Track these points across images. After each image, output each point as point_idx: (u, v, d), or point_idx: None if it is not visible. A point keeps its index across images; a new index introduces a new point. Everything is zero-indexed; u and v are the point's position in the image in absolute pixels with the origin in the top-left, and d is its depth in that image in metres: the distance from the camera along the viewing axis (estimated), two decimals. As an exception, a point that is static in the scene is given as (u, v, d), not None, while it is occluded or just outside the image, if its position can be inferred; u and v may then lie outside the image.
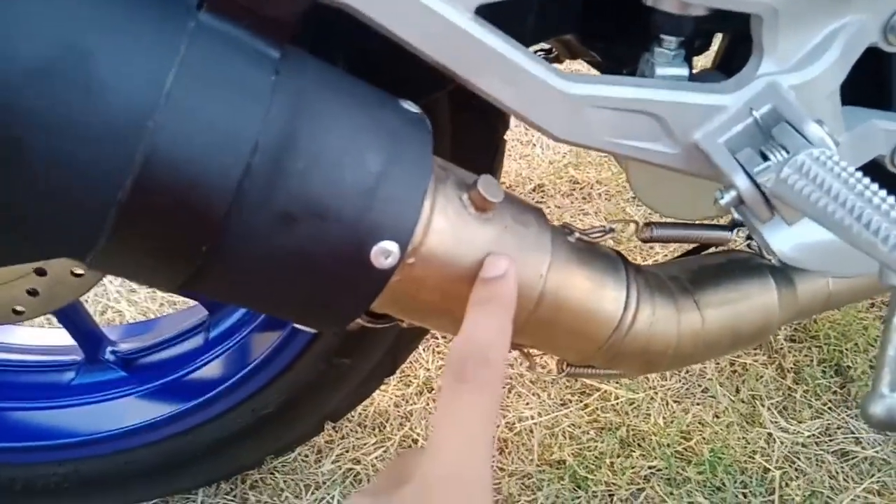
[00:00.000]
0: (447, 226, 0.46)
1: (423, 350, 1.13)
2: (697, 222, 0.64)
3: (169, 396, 0.88)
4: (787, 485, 0.97)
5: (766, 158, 0.47)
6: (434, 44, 0.43)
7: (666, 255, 1.22)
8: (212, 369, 0.87)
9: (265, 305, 0.45)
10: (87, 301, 1.20)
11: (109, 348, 0.91)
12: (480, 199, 0.47)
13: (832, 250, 0.55)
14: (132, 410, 0.88)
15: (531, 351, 0.61)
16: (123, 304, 1.19)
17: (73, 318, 0.87)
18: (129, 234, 0.37)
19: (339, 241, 0.41)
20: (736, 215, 0.49)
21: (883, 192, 0.41)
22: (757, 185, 0.47)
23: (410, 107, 0.46)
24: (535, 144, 1.47)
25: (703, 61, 0.66)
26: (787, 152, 0.46)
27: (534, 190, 1.37)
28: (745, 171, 0.47)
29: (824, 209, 0.41)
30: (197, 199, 0.36)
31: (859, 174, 0.42)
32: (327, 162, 0.39)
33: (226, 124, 0.36)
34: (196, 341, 0.90)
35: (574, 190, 1.37)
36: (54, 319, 0.87)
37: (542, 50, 0.80)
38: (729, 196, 0.48)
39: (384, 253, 0.42)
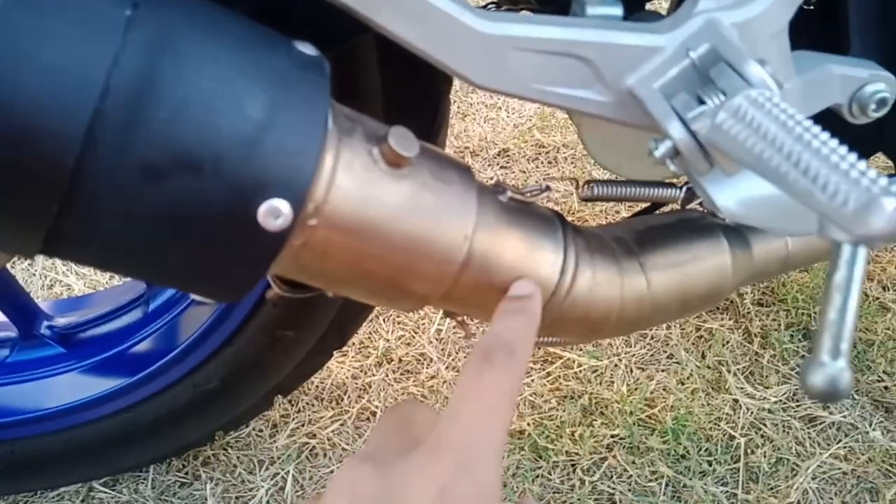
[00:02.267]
0: (354, 182, 0.42)
1: (384, 321, 1.10)
2: (644, 180, 0.60)
3: (109, 372, 0.85)
4: (752, 452, 0.94)
5: (703, 103, 0.43)
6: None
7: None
8: (151, 343, 0.84)
9: (145, 273, 0.40)
10: (34, 274, 1.15)
11: (46, 323, 0.87)
12: (392, 154, 0.43)
13: (781, 205, 0.51)
14: (71, 387, 0.84)
15: (466, 318, 0.57)
16: (72, 277, 1.15)
17: (5, 292, 0.83)
18: None
19: (219, 198, 0.36)
20: (672, 168, 0.45)
21: (825, 136, 0.36)
22: (692, 133, 0.43)
23: (306, 48, 0.41)
24: (500, 108, 1.42)
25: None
26: (726, 96, 0.42)
27: (498, 154, 1.33)
28: (680, 117, 0.43)
29: (760, 155, 0.37)
30: (39, 151, 0.32)
31: (801, 117, 0.38)
32: (197, 108, 0.35)
33: (67, 66, 0.32)
34: (135, 315, 0.86)
35: (539, 154, 1.33)
36: None
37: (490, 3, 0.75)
38: (664, 147, 0.44)
39: (273, 212, 0.38)
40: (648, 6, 0.60)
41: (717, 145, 0.41)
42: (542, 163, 1.31)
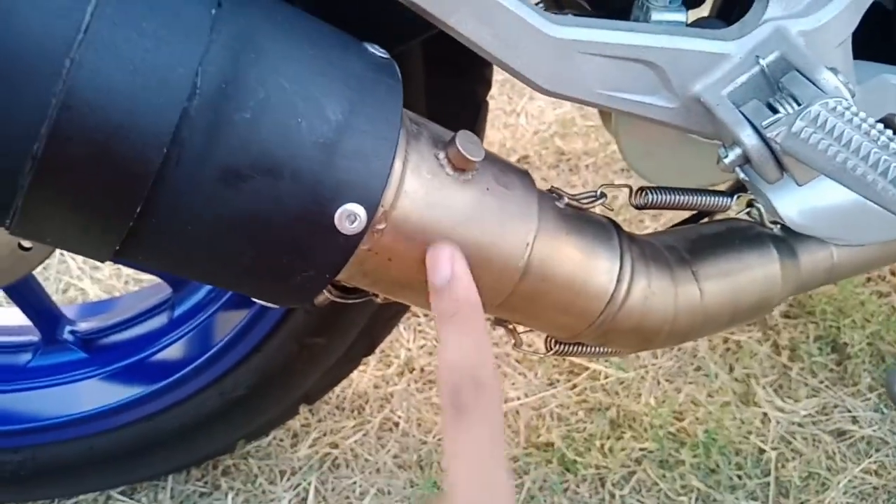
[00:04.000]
0: (421, 187, 0.41)
1: (404, 329, 1.08)
2: (696, 188, 0.59)
3: (132, 379, 0.83)
4: (783, 466, 0.93)
5: (774, 111, 0.43)
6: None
7: (657, 228, 1.18)
8: (177, 350, 0.82)
9: (216, 278, 0.40)
10: (48, 278, 1.14)
11: (68, 328, 0.86)
12: (459, 158, 0.42)
13: (844, 215, 0.50)
14: (93, 393, 0.83)
15: (517, 327, 0.56)
16: (87, 281, 1.13)
17: (27, 295, 0.81)
18: (49, 193, 0.32)
19: (297, 202, 0.36)
20: (742, 175, 0.44)
21: (910, 145, 0.36)
22: (765, 141, 0.42)
23: (377, 51, 0.40)
24: (519, 114, 1.42)
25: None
26: (799, 104, 0.41)
27: (518, 161, 1.32)
28: (752, 125, 0.42)
29: (844, 164, 0.36)
30: (125, 150, 0.31)
31: (881, 125, 0.38)
32: (278, 109, 0.34)
33: (157, 64, 0.31)
34: (160, 320, 0.85)
35: (560, 161, 1.32)
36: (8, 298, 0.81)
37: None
38: (734, 154, 0.44)
39: (350, 216, 0.37)
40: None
41: (794, 153, 0.40)
42: (563, 170, 1.30)
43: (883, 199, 0.34)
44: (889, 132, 0.37)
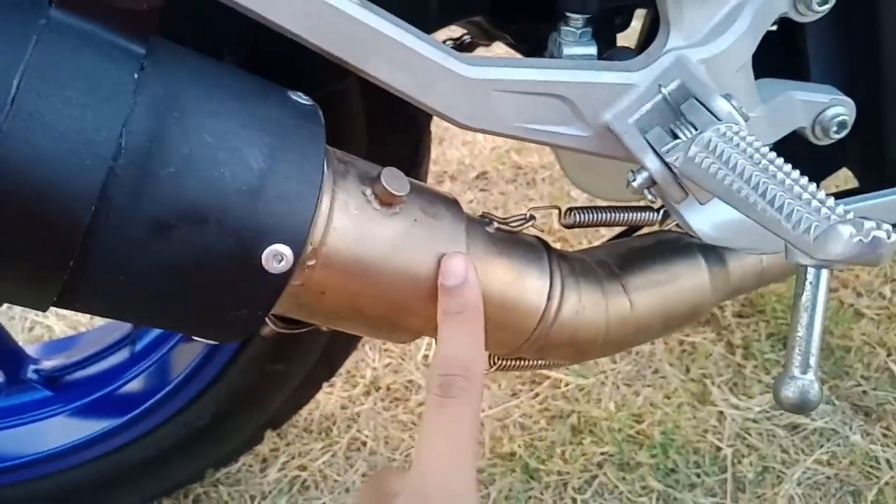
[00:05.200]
0: (349, 223, 0.44)
1: (370, 349, 1.11)
2: (623, 204, 0.62)
3: (98, 414, 0.84)
4: (739, 462, 0.96)
5: (676, 137, 0.46)
6: (316, 31, 0.41)
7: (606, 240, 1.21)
8: (140, 383, 0.84)
9: (153, 320, 0.42)
10: (13, 318, 1.14)
11: (32, 367, 0.87)
12: (385, 193, 0.45)
13: (752, 227, 0.53)
14: (60, 431, 0.84)
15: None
16: (52, 318, 1.14)
17: (-10, 338, 0.83)
18: None
19: (225, 247, 0.38)
20: (649, 196, 0.47)
21: (788, 167, 0.39)
22: (667, 165, 0.45)
23: (300, 98, 0.43)
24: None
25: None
26: (696, 129, 0.45)
27: (477, 177, 1.35)
28: (655, 150, 0.45)
29: (730, 187, 0.39)
30: (55, 210, 0.33)
31: (766, 149, 0.41)
32: (202, 163, 0.36)
33: (82, 128, 0.33)
34: (122, 355, 0.86)
35: (517, 176, 1.35)
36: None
37: (450, 39, 0.77)
38: (641, 177, 0.47)
39: (276, 257, 0.39)
40: (619, 37, 0.63)
41: (690, 176, 0.43)
42: (520, 184, 1.34)
43: (762, 218, 0.37)
44: (772, 155, 0.40)
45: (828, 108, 0.56)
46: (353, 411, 1.03)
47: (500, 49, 0.72)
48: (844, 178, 0.76)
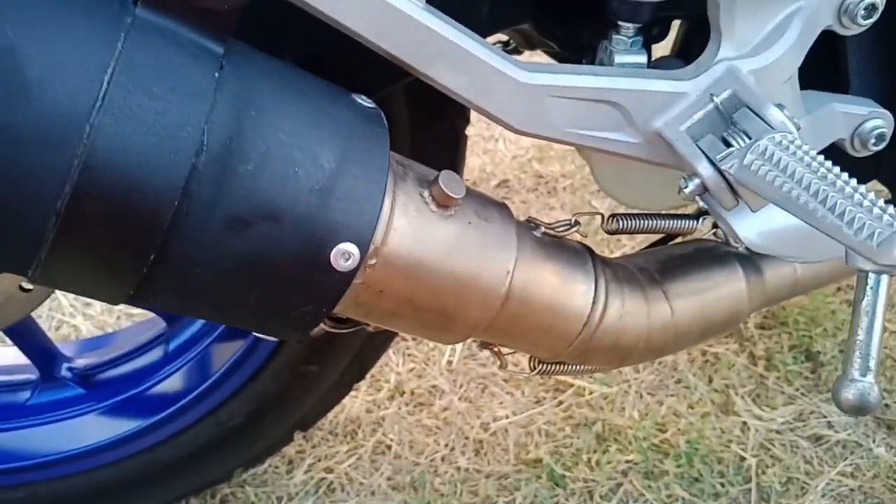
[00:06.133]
0: (408, 224, 0.45)
1: (394, 353, 1.11)
2: (663, 212, 0.63)
3: (130, 412, 0.85)
4: (763, 472, 0.97)
5: (728, 145, 0.47)
6: (384, 34, 0.42)
7: (633, 248, 1.22)
8: (173, 382, 0.85)
9: (221, 315, 0.43)
10: (40, 317, 1.15)
11: (66, 365, 0.87)
12: (442, 196, 0.46)
13: (798, 236, 0.54)
14: (92, 428, 0.85)
15: (501, 349, 0.59)
16: (79, 318, 1.15)
17: (25, 335, 0.83)
18: (71, 245, 0.35)
19: (296, 244, 0.39)
20: (701, 203, 0.48)
21: (846, 175, 0.40)
22: (720, 172, 0.46)
23: (364, 101, 0.44)
24: (497, 139, 1.46)
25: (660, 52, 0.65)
26: (750, 138, 0.46)
27: (498, 185, 1.36)
28: (708, 158, 0.46)
29: (789, 194, 0.40)
30: (140, 205, 0.35)
31: (822, 157, 0.42)
32: (277, 160, 0.37)
33: (167, 124, 0.34)
34: (156, 354, 0.87)
35: (539, 184, 1.36)
36: (6, 338, 0.83)
37: (499, 42, 0.79)
38: (693, 184, 0.48)
39: (344, 255, 0.40)
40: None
41: (745, 184, 0.44)
42: (541, 193, 1.35)
43: (822, 224, 0.38)
44: (829, 164, 0.41)
45: (867, 121, 0.57)
46: (378, 415, 1.04)
47: (538, 57, 0.73)
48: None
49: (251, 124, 0.37)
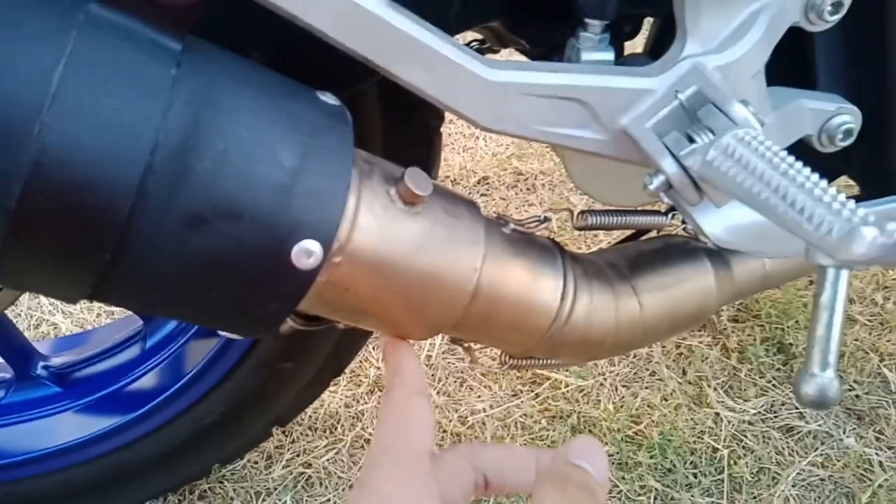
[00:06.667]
0: (374, 222, 0.45)
1: (373, 348, 1.12)
2: (634, 208, 0.63)
3: (107, 410, 0.85)
4: (735, 463, 0.98)
5: (693, 141, 0.47)
6: (348, 31, 0.42)
7: (609, 243, 1.23)
8: (150, 380, 0.84)
9: (183, 314, 0.43)
10: (19, 315, 1.15)
11: (41, 363, 0.87)
12: (408, 193, 0.46)
13: (764, 231, 0.55)
14: (69, 426, 0.85)
15: (472, 345, 0.60)
16: (58, 316, 1.14)
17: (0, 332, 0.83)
18: (23, 244, 0.35)
19: (257, 242, 0.39)
20: (666, 199, 0.49)
21: (807, 171, 0.40)
22: (684, 169, 0.46)
23: (329, 98, 0.44)
24: (478, 137, 1.47)
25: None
26: (714, 134, 0.46)
27: (478, 182, 1.37)
28: (672, 154, 0.47)
29: (750, 190, 0.41)
30: (94, 203, 0.34)
31: (784, 153, 0.42)
32: (236, 158, 0.37)
33: (122, 123, 0.34)
34: (132, 352, 0.87)
35: (518, 181, 1.37)
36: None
37: (475, 40, 0.79)
38: (657, 181, 0.48)
39: (306, 253, 0.40)
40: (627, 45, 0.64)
41: (708, 180, 0.44)
42: (521, 190, 1.35)
43: (783, 220, 0.39)
44: (791, 159, 0.41)
45: (834, 117, 0.58)
46: (357, 409, 1.04)
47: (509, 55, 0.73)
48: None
49: (209, 122, 0.37)
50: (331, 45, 0.44)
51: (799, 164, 0.41)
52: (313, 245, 0.40)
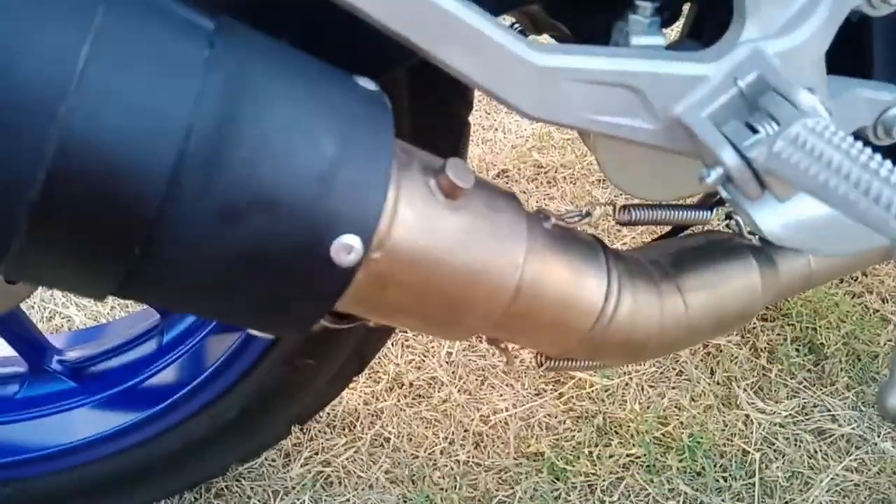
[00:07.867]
0: (414, 215, 0.42)
1: (392, 345, 1.09)
2: (677, 203, 0.61)
3: (122, 406, 0.83)
4: (766, 467, 0.95)
5: (754, 131, 0.44)
6: (390, 11, 0.39)
7: (633, 238, 1.20)
8: (167, 376, 0.82)
9: (214, 312, 0.40)
10: (32, 306, 1.13)
11: (56, 357, 0.85)
12: (450, 185, 0.43)
13: (824, 228, 0.52)
14: (83, 422, 0.82)
15: (508, 345, 0.57)
16: (72, 308, 1.12)
17: (13, 326, 0.81)
18: (46, 237, 0.32)
19: (295, 236, 0.36)
20: (724, 193, 0.46)
21: (889, 164, 0.37)
22: (747, 161, 0.43)
23: (367, 84, 0.41)
24: (497, 129, 1.44)
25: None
26: (778, 124, 0.43)
27: (498, 175, 1.34)
28: (734, 145, 0.44)
29: (825, 183, 0.38)
30: (123, 193, 0.32)
31: (860, 144, 0.39)
32: (274, 147, 0.35)
33: (152, 106, 0.32)
34: (149, 347, 0.85)
35: (538, 174, 1.34)
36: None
37: (509, 24, 0.76)
38: (715, 173, 0.45)
39: (346, 248, 0.38)
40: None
41: (775, 173, 0.41)
42: (541, 183, 1.32)
43: (865, 217, 0.36)
44: (868, 151, 0.38)
45: (892, 107, 0.55)
46: (376, 407, 1.02)
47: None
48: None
49: (245, 107, 0.34)
50: (361, 30, 0.41)
51: (879, 157, 0.38)
52: (353, 240, 0.38)
